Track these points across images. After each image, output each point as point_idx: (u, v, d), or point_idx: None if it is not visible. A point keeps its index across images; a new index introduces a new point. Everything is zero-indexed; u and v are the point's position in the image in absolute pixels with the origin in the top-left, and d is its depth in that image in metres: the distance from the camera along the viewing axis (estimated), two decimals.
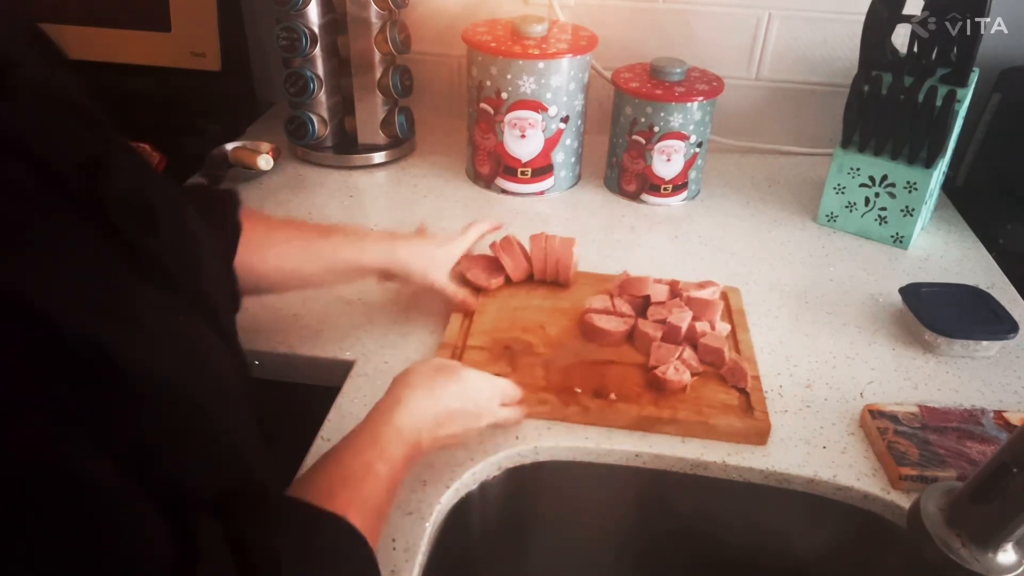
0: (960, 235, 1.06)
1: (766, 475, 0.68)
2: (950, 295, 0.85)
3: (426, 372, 0.61)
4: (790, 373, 0.79)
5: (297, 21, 1.05)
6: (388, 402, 0.58)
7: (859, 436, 0.71)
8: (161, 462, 0.36)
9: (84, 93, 0.41)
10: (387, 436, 0.55)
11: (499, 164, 1.09)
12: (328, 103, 1.13)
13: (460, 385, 0.62)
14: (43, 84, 0.38)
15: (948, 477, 0.65)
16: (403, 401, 0.58)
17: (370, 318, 0.84)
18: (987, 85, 1.10)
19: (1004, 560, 0.50)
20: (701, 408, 0.70)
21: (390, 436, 0.55)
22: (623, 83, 1.05)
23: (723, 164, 1.21)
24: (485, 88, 1.04)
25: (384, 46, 1.08)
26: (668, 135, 1.03)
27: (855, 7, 1.06)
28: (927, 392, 0.77)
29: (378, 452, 0.53)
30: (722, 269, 0.95)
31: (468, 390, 0.62)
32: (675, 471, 0.69)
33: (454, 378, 0.62)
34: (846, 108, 0.98)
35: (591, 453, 0.69)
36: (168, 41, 1.15)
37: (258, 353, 0.78)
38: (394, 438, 0.55)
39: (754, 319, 0.85)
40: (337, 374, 0.77)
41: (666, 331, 0.77)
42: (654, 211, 1.09)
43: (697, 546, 0.75)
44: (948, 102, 0.91)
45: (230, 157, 1.08)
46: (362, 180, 1.14)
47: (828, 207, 1.05)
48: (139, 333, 0.35)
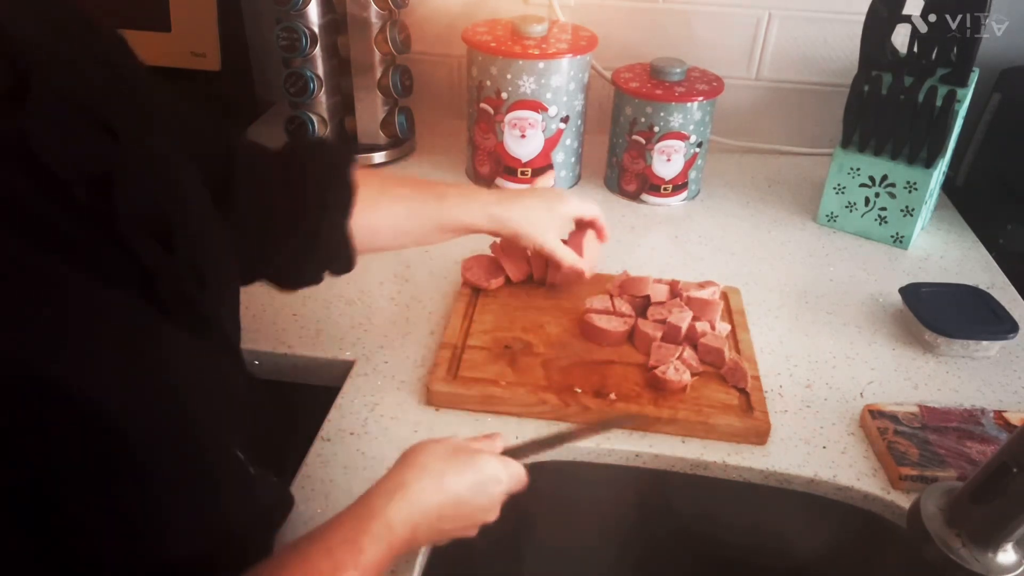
0: (960, 235, 1.06)
1: (766, 475, 0.68)
2: (950, 295, 0.85)
3: (440, 454, 0.53)
4: (790, 373, 0.79)
5: (297, 21, 1.05)
6: (389, 485, 0.51)
7: (859, 436, 0.71)
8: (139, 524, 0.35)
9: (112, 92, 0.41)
10: (373, 533, 0.48)
11: (499, 164, 1.09)
12: (328, 103, 1.13)
13: (476, 475, 0.54)
14: (60, 91, 0.37)
15: (948, 477, 0.65)
16: (406, 487, 0.50)
17: (370, 318, 0.84)
18: (987, 85, 1.10)
19: (1004, 560, 0.50)
20: (701, 408, 0.70)
21: (376, 534, 0.48)
22: (623, 83, 1.05)
23: (723, 164, 1.21)
24: (485, 88, 1.04)
25: (384, 46, 1.08)
26: (668, 135, 1.03)
27: (855, 7, 1.06)
28: (927, 392, 0.77)
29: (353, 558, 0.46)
30: (722, 269, 0.95)
31: (484, 481, 0.54)
32: (675, 471, 0.69)
33: (471, 466, 0.54)
34: (846, 108, 0.98)
35: (591, 453, 0.69)
36: (168, 41, 1.15)
37: (258, 353, 0.79)
38: (381, 536, 0.48)
39: (754, 319, 0.85)
40: (337, 374, 0.77)
41: (666, 331, 0.77)
42: (654, 211, 1.09)
43: (697, 546, 0.75)
44: (948, 102, 0.91)
45: None
46: None
47: (828, 207, 1.05)
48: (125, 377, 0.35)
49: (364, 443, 0.68)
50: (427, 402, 0.73)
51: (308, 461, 0.66)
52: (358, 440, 0.69)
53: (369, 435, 0.69)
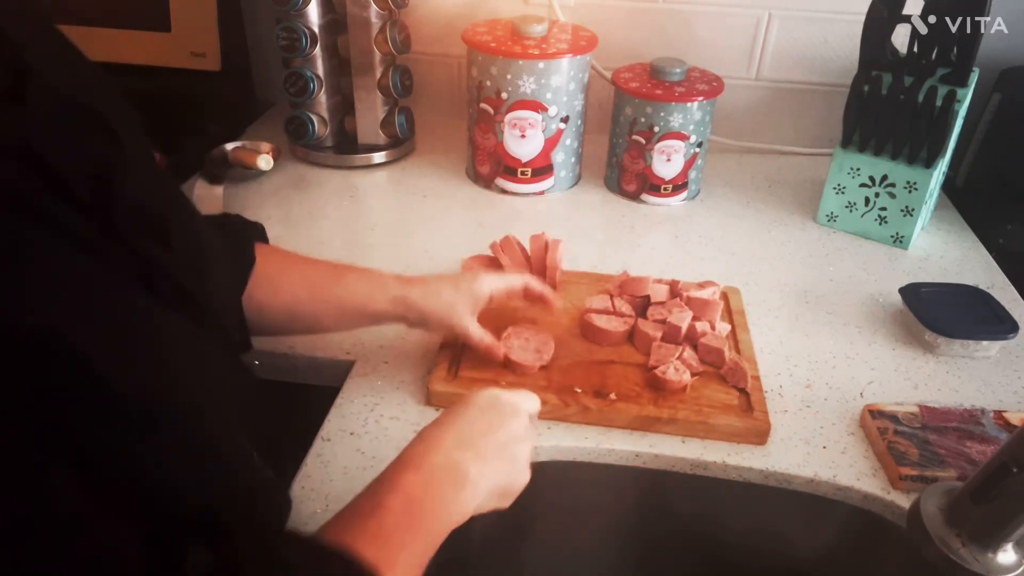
0: (960, 235, 1.06)
1: (766, 475, 0.68)
2: (950, 295, 0.85)
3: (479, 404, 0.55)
4: (790, 373, 0.79)
5: (297, 21, 1.05)
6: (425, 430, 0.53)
7: (859, 436, 0.71)
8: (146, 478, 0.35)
9: (102, 98, 0.41)
10: (403, 462, 0.50)
11: (499, 164, 1.09)
12: (328, 103, 1.13)
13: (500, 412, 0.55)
14: (58, 91, 0.37)
15: (948, 477, 0.65)
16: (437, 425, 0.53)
17: None
18: (987, 85, 1.10)
19: (1004, 560, 0.50)
20: (701, 408, 0.70)
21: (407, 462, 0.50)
22: (623, 83, 1.05)
23: (723, 164, 1.21)
24: (485, 88, 1.04)
25: (384, 46, 1.08)
26: (668, 135, 1.03)
27: (855, 7, 1.06)
28: (927, 392, 0.77)
29: (391, 484, 0.48)
30: (722, 269, 0.95)
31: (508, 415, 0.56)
32: (675, 471, 0.69)
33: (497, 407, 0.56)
34: (846, 108, 0.98)
35: (591, 453, 0.69)
36: (168, 41, 1.15)
37: (258, 353, 0.78)
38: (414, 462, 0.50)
39: (754, 319, 0.85)
40: (337, 374, 0.77)
41: (666, 331, 0.77)
42: (654, 211, 1.09)
43: (697, 546, 0.75)
44: (948, 102, 0.91)
45: (230, 157, 1.08)
46: (362, 180, 1.14)
47: (828, 207, 1.05)
48: (127, 343, 0.35)
49: (364, 443, 0.68)
50: (427, 402, 0.73)
51: (308, 461, 0.66)
52: (358, 440, 0.69)
53: (369, 435, 0.69)
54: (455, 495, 0.50)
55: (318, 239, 0.99)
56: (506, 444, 0.54)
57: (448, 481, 0.50)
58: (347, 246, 0.98)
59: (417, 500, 0.48)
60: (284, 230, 1.00)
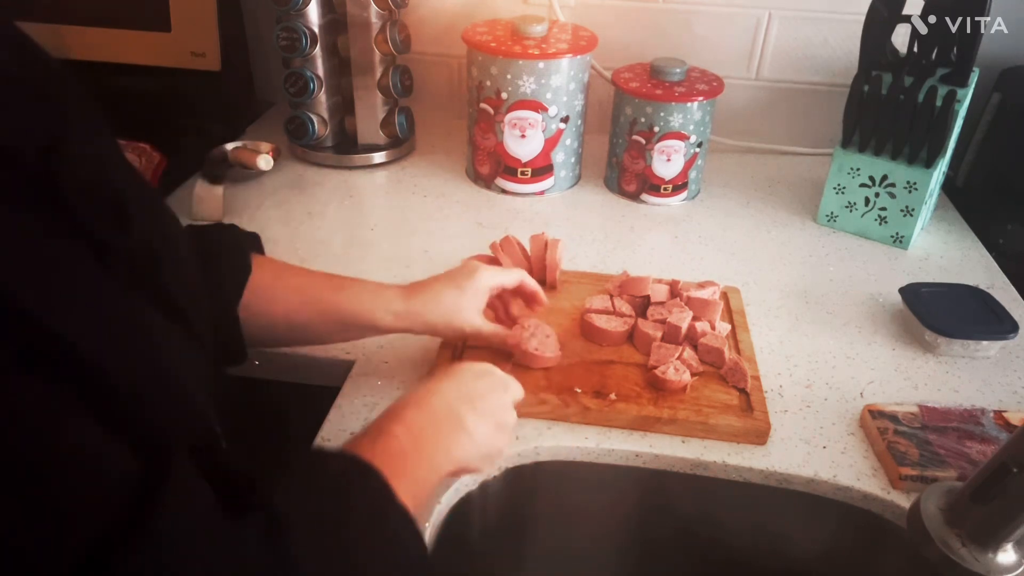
0: (960, 235, 1.06)
1: (766, 475, 0.68)
2: (950, 295, 0.85)
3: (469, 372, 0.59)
4: (790, 373, 0.79)
5: (297, 21, 1.05)
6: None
7: (859, 436, 0.71)
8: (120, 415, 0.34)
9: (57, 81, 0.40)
10: (403, 402, 0.53)
11: (499, 164, 1.09)
12: (328, 103, 1.13)
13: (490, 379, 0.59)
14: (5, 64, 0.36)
15: (948, 477, 0.65)
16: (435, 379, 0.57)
17: None
18: (987, 85, 1.10)
19: (1004, 560, 0.50)
20: (701, 408, 0.70)
21: (408, 401, 0.53)
22: (623, 83, 1.05)
23: (723, 164, 1.21)
24: (485, 88, 1.04)
25: (384, 46, 1.08)
26: (668, 135, 1.03)
27: (855, 7, 1.06)
28: (927, 392, 0.77)
29: (393, 416, 0.51)
30: (722, 269, 0.95)
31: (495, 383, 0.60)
32: (675, 471, 0.69)
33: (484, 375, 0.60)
34: (846, 108, 0.98)
35: (591, 453, 0.69)
36: (168, 41, 1.15)
37: (258, 353, 0.78)
38: (417, 402, 0.53)
39: (754, 319, 0.85)
40: (337, 374, 0.77)
41: (666, 331, 0.77)
42: (654, 211, 1.09)
43: (697, 546, 0.75)
44: (948, 102, 0.91)
45: (230, 157, 1.08)
46: (362, 180, 1.14)
47: (828, 207, 1.05)
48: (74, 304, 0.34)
49: None
50: None
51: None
52: None
53: None
54: (453, 437, 0.53)
55: (318, 239, 0.99)
56: (496, 410, 0.57)
57: (446, 423, 0.54)
58: (347, 246, 0.98)
59: (421, 432, 0.51)
60: (284, 230, 1.00)
